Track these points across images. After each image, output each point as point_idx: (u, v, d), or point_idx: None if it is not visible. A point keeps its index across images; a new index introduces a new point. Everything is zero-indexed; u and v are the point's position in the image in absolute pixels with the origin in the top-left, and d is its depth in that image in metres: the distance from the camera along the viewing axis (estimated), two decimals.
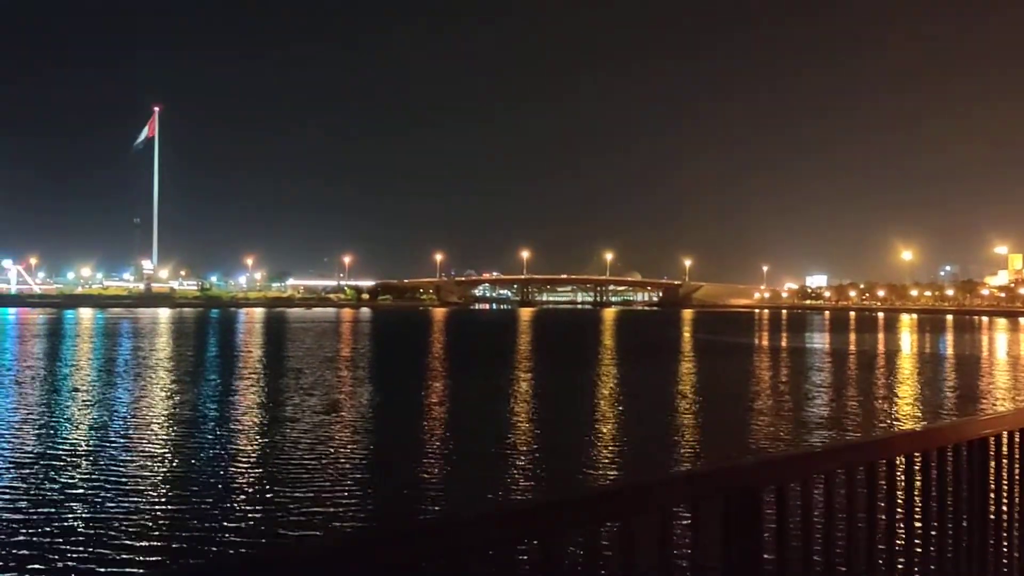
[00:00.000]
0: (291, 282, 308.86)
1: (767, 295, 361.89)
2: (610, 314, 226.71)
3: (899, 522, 4.89)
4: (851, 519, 4.57)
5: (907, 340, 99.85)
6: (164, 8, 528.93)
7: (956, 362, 63.17)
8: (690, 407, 35.93)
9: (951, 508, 5.30)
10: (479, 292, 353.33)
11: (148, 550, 15.47)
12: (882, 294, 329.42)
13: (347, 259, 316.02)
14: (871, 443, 5.43)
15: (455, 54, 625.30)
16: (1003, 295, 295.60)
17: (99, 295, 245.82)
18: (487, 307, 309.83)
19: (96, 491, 19.67)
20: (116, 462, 23.03)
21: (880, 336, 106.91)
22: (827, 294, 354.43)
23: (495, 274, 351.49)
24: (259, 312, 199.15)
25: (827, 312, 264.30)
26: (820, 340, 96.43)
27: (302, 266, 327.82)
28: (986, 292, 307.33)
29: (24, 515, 17.55)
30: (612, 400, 38.46)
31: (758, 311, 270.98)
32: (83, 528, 16.66)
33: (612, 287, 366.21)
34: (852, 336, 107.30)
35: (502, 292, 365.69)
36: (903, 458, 5.02)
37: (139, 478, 21.17)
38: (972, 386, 45.13)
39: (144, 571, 14.43)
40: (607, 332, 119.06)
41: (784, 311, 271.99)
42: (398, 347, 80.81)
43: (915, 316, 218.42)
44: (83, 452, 24.39)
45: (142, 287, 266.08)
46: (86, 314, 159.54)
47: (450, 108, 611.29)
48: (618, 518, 3.53)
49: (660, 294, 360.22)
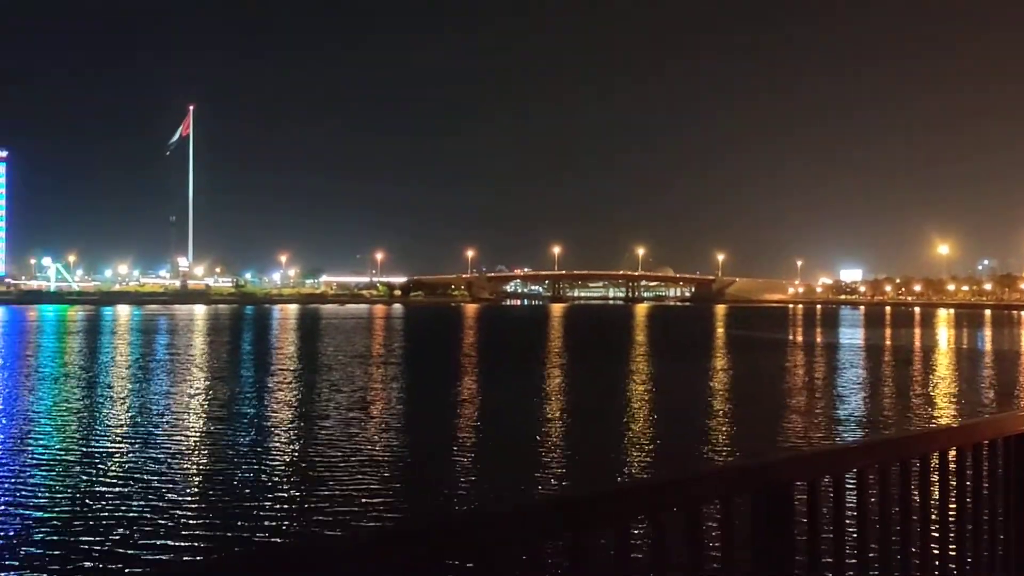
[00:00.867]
0: (324, 279, 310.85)
1: (801, 290, 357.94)
2: (642, 310, 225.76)
3: (934, 521, 4.83)
4: (885, 517, 4.50)
5: (944, 335, 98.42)
6: (197, 8, 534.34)
7: (994, 358, 62.19)
8: (723, 404, 35.75)
9: (988, 506, 5.18)
10: (510, 288, 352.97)
11: (184, 539, 15.76)
12: (918, 289, 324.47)
13: (379, 256, 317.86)
14: (905, 439, 5.36)
15: (488, 50, 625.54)
16: None
17: (136, 292, 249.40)
18: (518, 303, 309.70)
19: (130, 485, 20.04)
20: (151, 456, 23.41)
21: (916, 331, 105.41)
22: (862, 289, 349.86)
23: (526, 270, 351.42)
24: (293, 308, 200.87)
25: (862, 307, 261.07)
26: (855, 336, 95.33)
27: (335, 263, 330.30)
28: None
29: (60, 507, 17.94)
30: (644, 396, 38.37)
31: (792, 306, 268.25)
32: (118, 521, 16.99)
33: (644, 282, 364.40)
34: (888, 332, 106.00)
35: (533, 288, 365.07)
36: (938, 455, 4.93)
37: (174, 472, 21.52)
38: (1011, 382, 44.44)
39: (177, 559, 14.69)
40: (639, 328, 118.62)
41: (818, 306, 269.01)
42: (430, 343, 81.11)
43: (952, 311, 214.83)
44: (119, 446, 24.81)
45: (178, 284, 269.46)
46: (123, 311, 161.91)
47: (482, 105, 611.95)
48: (648, 514, 3.52)
49: (693, 289, 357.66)
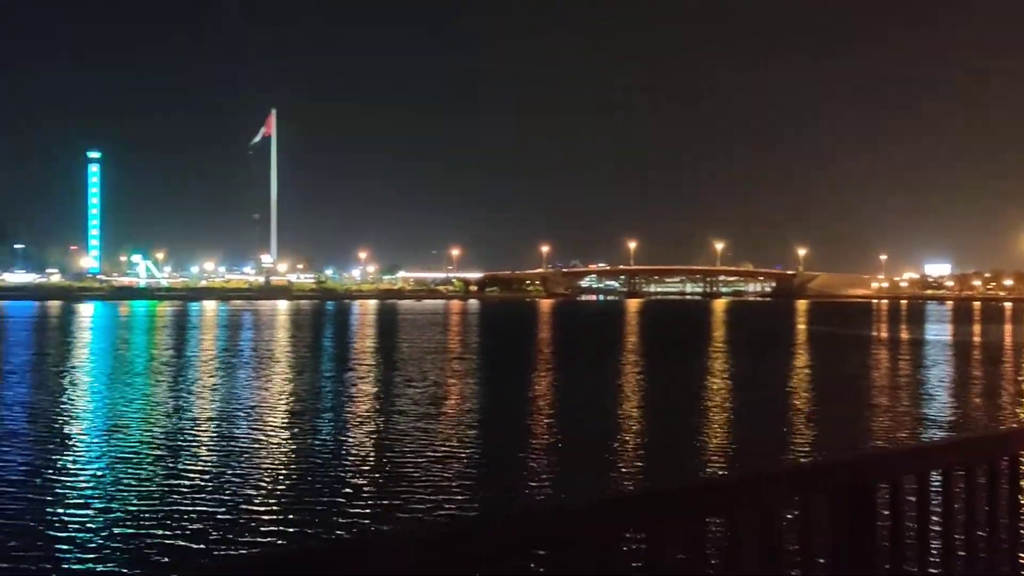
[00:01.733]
0: (402, 275, 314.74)
1: (885, 285, 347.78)
2: (720, 305, 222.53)
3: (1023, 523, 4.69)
4: (971, 518, 4.35)
5: None
6: (279, 10, 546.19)
7: None
8: (803, 402, 35.05)
9: None
10: (585, 283, 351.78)
11: (261, 529, 16.22)
12: (1010, 283, 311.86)
13: (455, 252, 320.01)
14: (994, 437, 5.22)
15: (561, 48, 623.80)
16: None
17: (222, 288, 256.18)
18: (594, 298, 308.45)
19: (211, 475, 20.71)
20: (233, 448, 24.13)
21: (1008, 328, 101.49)
22: (949, 283, 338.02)
23: (601, 265, 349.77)
24: (372, 304, 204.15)
25: (949, 302, 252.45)
26: (942, 332, 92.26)
27: (412, 259, 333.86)
28: None
29: (147, 495, 18.66)
30: (721, 393, 37.87)
31: (876, 301, 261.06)
32: (198, 511, 17.59)
33: (722, 277, 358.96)
34: (977, 328, 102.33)
35: (609, 283, 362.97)
36: None
37: (254, 463, 22.15)
38: None
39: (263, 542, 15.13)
40: (717, 323, 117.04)
41: (903, 302, 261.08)
42: (505, 338, 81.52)
43: None
44: (203, 438, 25.64)
45: (262, 280, 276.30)
46: (210, 306, 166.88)
47: (558, 101, 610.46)
48: (723, 512, 3.49)
49: (773, 284, 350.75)
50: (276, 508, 17.95)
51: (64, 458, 22.78)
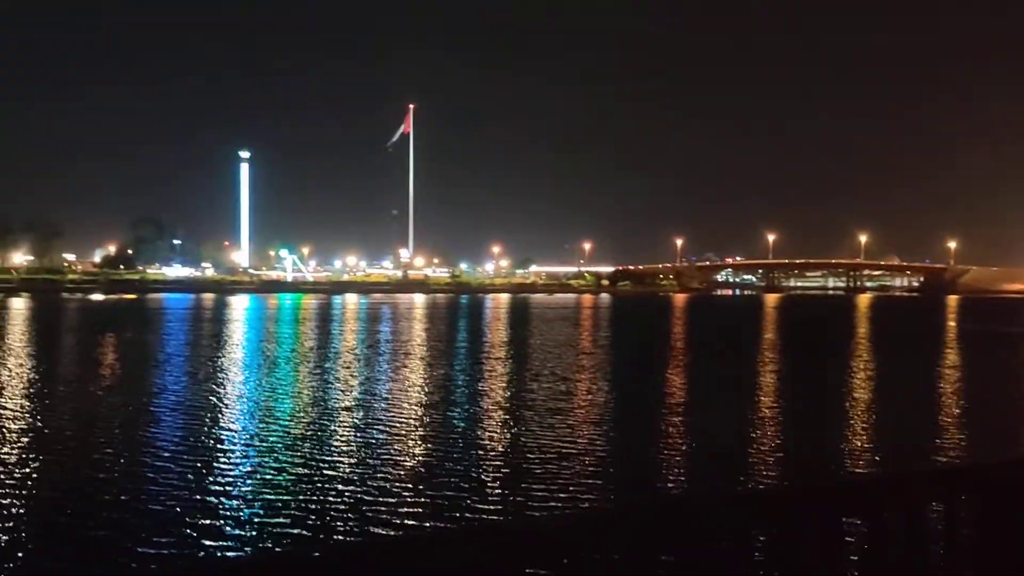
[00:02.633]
0: (534, 268, 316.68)
1: None
2: (864, 300, 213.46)
3: None
4: None
5: None
6: (416, 10, 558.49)
7: None
8: (951, 404, 33.45)
9: None
10: (721, 277, 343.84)
11: (391, 512, 16.96)
12: None
13: (587, 246, 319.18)
14: None
15: (697, 43, 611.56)
16: None
17: (362, 282, 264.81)
18: (730, 293, 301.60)
19: (345, 462, 21.72)
20: (366, 436, 25.19)
21: None
22: None
23: (738, 259, 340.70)
24: (504, 298, 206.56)
25: None
26: None
27: (544, 253, 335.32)
28: None
29: (287, 476, 19.77)
30: (864, 392, 36.58)
31: None
32: (330, 494, 18.51)
33: (867, 272, 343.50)
34: None
35: (746, 277, 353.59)
36: None
37: (386, 451, 23.07)
38: None
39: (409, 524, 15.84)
40: (860, 320, 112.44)
41: None
42: (636, 333, 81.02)
43: None
44: (341, 425, 26.86)
45: (400, 274, 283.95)
46: (351, 299, 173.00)
47: (688, 92, 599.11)
48: (864, 512, 3.48)
49: (921, 279, 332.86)
50: (409, 495, 18.72)
51: (214, 442, 24.41)
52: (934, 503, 3.63)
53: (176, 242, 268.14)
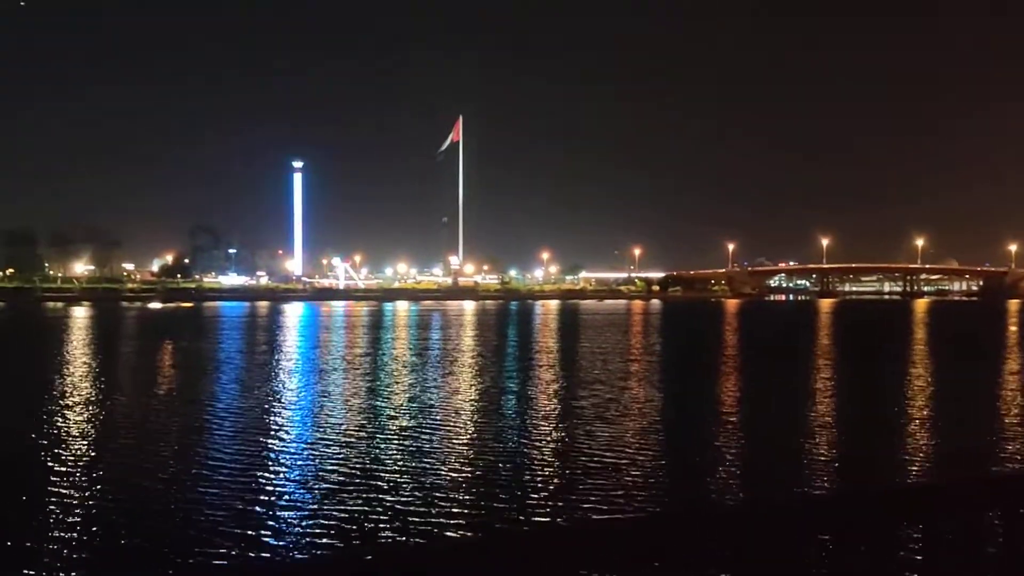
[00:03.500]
0: (583, 275, 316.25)
1: None
2: (921, 305, 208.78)
3: None
4: None
5: None
6: (463, 21, 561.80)
7: None
8: (1012, 409, 32.62)
9: None
10: (774, 282, 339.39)
11: (445, 514, 17.11)
12: None
13: (637, 251, 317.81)
14: None
15: (749, 45, 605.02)
16: None
17: (413, 289, 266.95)
18: (783, 298, 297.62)
19: (399, 465, 21.95)
20: (418, 440, 25.41)
21: None
22: None
23: (791, 263, 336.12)
24: (554, 304, 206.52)
25: None
26: None
27: (594, 259, 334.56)
28: None
29: (346, 475, 20.05)
30: (922, 398, 35.87)
31: None
32: (390, 496, 18.73)
33: (924, 276, 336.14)
34: None
35: (799, 282, 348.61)
36: None
37: (439, 453, 23.25)
38: None
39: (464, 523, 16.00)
40: (918, 324, 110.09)
41: None
42: (688, 340, 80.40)
43: None
44: (395, 428, 27.14)
45: (450, 281, 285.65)
46: (402, 306, 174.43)
47: (736, 95, 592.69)
48: (921, 520, 3.44)
49: (980, 283, 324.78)
50: (459, 500, 18.87)
51: (266, 447, 24.85)
52: (992, 511, 3.58)
53: (231, 251, 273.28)
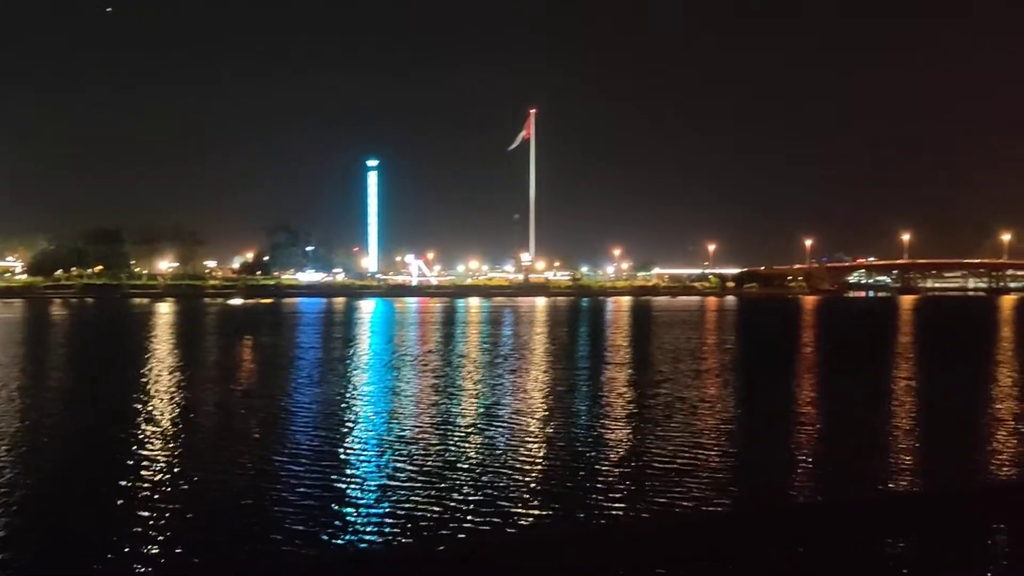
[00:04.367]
0: (656, 271, 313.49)
1: None
2: (1008, 302, 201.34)
3: None
4: None
5: None
6: (535, 16, 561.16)
7: None
8: None
9: None
10: (853, 279, 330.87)
11: (521, 505, 17.45)
12: None
13: (711, 247, 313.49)
14: None
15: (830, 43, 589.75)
16: None
17: (484, 285, 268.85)
18: (862, 295, 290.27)
19: (480, 457, 22.37)
20: (496, 437, 25.82)
21: None
22: None
23: (871, 259, 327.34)
24: (626, 300, 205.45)
25: None
26: None
27: (667, 255, 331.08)
28: None
29: (423, 475, 20.56)
30: (1009, 400, 34.84)
31: None
32: (472, 488, 19.14)
33: (1010, 271, 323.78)
34: None
35: (879, 278, 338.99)
36: None
37: (516, 453, 23.61)
38: None
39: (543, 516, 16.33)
40: (1004, 323, 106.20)
41: None
42: (764, 338, 79.27)
43: None
44: (466, 424, 27.60)
45: (521, 278, 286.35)
46: (474, 303, 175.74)
47: (811, 87, 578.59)
48: (1007, 519, 3.47)
49: None
50: (532, 495, 19.20)
51: (341, 438, 25.56)
52: None
53: (309, 248, 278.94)
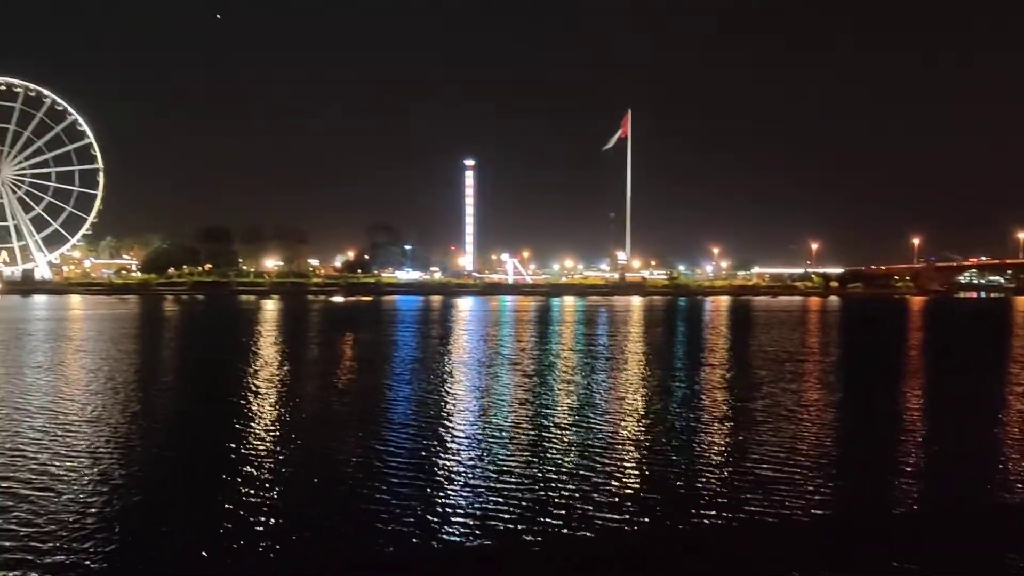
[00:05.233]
0: (756, 270, 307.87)
1: None
2: None
3: None
4: None
5: None
6: (635, 17, 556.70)
7: None
8: None
9: None
10: (964, 279, 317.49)
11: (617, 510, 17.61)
12: None
13: (814, 245, 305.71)
14: None
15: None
16: None
17: (580, 284, 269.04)
18: (973, 295, 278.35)
19: (569, 458, 22.59)
20: (588, 437, 26.00)
21: None
22: None
23: (983, 258, 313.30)
24: (724, 300, 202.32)
25: None
26: None
27: (767, 254, 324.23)
28: None
29: (519, 470, 20.91)
30: None
31: None
32: (567, 484, 19.41)
33: None
34: None
35: (992, 278, 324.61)
36: None
37: (608, 454, 23.75)
38: None
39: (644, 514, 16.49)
40: None
41: None
42: (869, 340, 77.00)
43: None
44: (560, 424, 27.85)
45: (616, 276, 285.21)
46: (569, 301, 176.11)
47: (921, 85, 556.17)
48: None
49: None
50: (632, 496, 19.34)
51: (437, 436, 26.16)
52: None
53: (407, 247, 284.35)
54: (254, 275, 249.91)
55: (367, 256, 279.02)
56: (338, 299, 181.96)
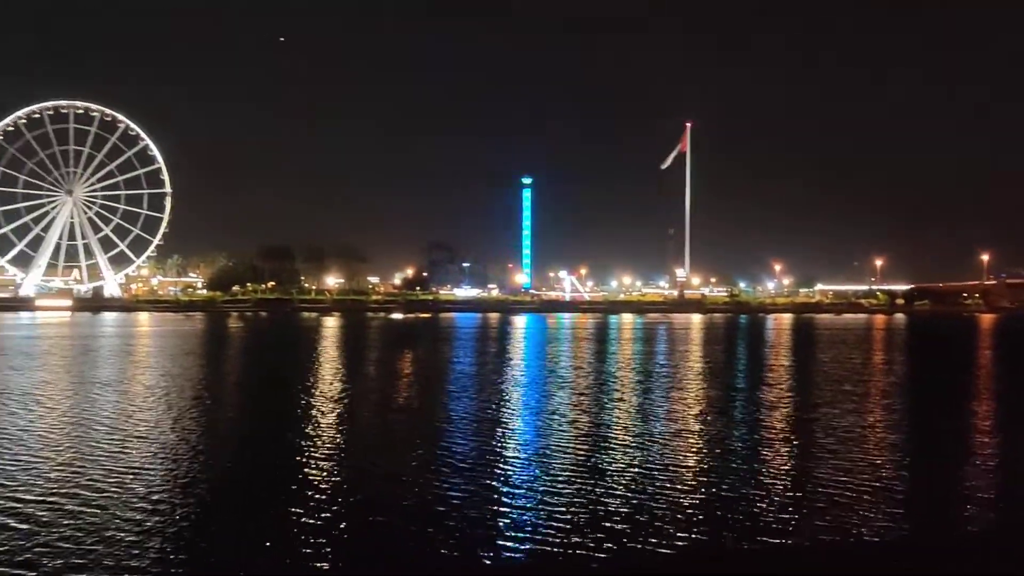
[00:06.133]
0: (819, 287, 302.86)
1: None
2: None
3: None
4: None
5: None
6: (694, 30, 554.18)
7: None
8: None
9: None
10: None
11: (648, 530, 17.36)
12: None
13: (879, 262, 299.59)
14: None
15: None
16: None
17: (638, 301, 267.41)
18: None
19: (629, 475, 22.37)
20: (648, 455, 25.75)
21: None
22: None
23: None
24: (787, 318, 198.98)
25: None
26: None
27: (830, 271, 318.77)
28: None
29: (578, 484, 20.76)
30: None
31: None
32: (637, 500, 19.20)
33: None
34: None
35: None
36: None
37: (669, 472, 23.47)
38: None
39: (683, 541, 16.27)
40: None
41: None
42: (937, 359, 75.02)
43: None
44: (618, 445, 27.62)
45: (675, 293, 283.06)
46: (627, 319, 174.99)
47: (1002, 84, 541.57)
48: None
49: None
50: (698, 511, 19.09)
51: (495, 452, 26.14)
52: None
53: (465, 265, 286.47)
54: (315, 292, 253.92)
55: (425, 274, 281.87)
56: (397, 316, 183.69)
